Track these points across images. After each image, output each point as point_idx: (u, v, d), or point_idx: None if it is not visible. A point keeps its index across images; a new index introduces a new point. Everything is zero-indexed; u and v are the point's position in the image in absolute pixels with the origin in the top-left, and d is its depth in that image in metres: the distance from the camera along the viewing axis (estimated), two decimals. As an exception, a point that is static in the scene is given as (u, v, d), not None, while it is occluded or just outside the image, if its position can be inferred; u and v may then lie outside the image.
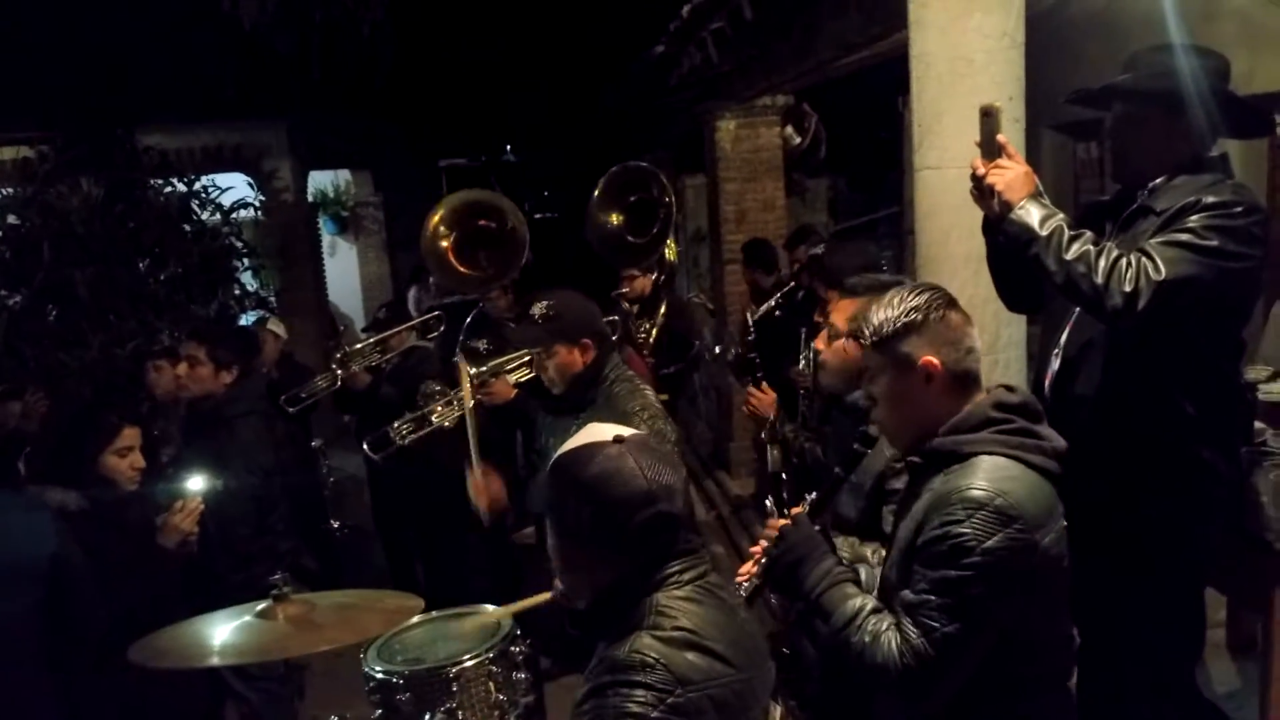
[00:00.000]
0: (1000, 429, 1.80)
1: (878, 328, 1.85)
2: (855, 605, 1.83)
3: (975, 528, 1.67)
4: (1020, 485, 1.73)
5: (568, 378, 3.00)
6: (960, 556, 1.68)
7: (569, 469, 1.57)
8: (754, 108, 6.95)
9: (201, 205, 6.74)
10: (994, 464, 1.75)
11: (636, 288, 5.53)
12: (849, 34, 4.63)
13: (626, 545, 1.54)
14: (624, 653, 1.47)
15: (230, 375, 3.76)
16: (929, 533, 1.73)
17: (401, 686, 2.47)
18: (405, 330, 4.96)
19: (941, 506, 1.72)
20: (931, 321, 1.82)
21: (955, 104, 3.07)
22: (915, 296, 1.85)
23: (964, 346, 1.85)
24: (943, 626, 1.68)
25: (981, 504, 1.69)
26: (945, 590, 1.69)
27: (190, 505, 2.81)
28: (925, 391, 1.83)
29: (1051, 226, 2.21)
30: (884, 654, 1.73)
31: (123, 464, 2.85)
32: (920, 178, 3.25)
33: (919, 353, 1.82)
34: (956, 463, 1.78)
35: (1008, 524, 1.68)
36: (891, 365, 1.86)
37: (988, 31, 3.03)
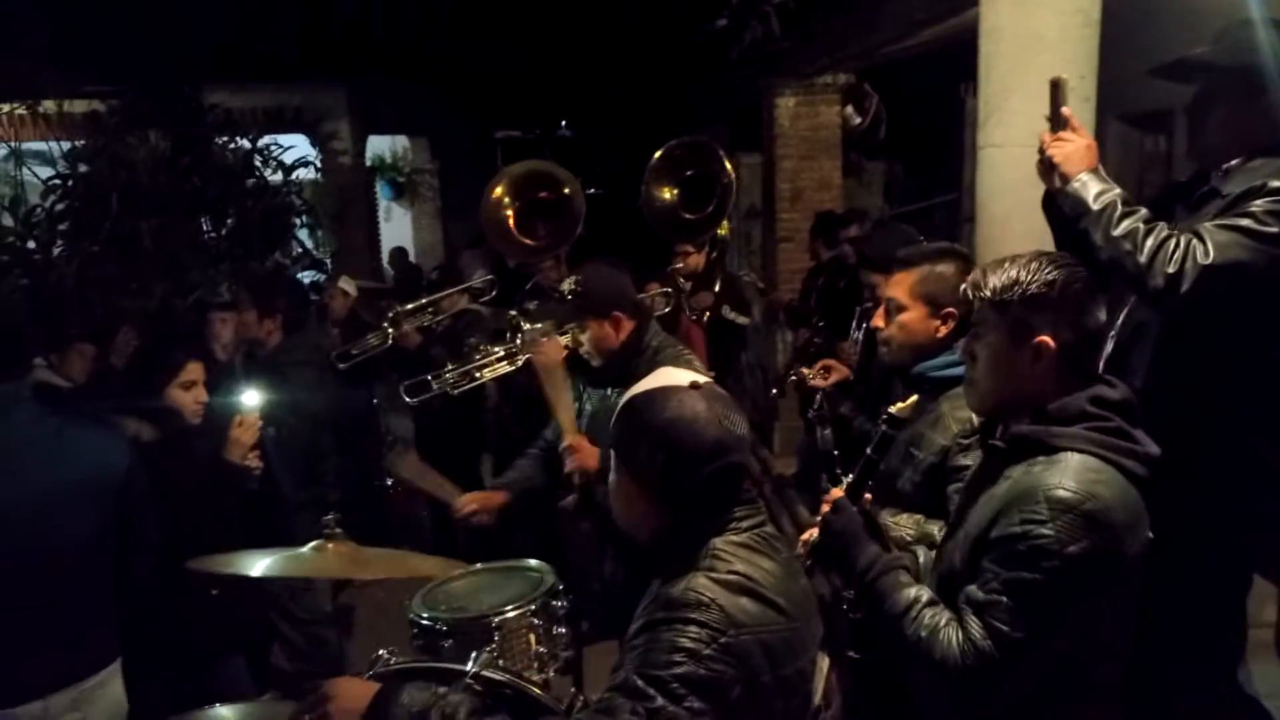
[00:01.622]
0: (1095, 426, 1.70)
1: (1003, 287, 1.74)
2: (910, 595, 1.77)
3: (1060, 531, 1.57)
4: (1110, 490, 1.62)
5: (604, 351, 3.00)
6: (1040, 560, 1.58)
7: (644, 411, 1.59)
8: (814, 85, 6.89)
9: (264, 163, 6.84)
10: (1084, 463, 1.65)
11: (690, 264, 5.51)
12: (915, 10, 4.57)
13: (694, 493, 1.57)
14: (679, 591, 1.50)
15: (274, 323, 3.85)
16: (1006, 528, 1.63)
17: (445, 633, 2.53)
18: (457, 293, 5.01)
19: (1024, 502, 1.63)
20: (1061, 300, 1.71)
21: (1024, 81, 3.02)
22: (1053, 269, 1.72)
23: (1086, 333, 1.74)
24: (1012, 631, 1.60)
25: (1069, 506, 1.59)
26: (1019, 593, 1.60)
27: (248, 420, 2.90)
28: (1031, 367, 1.73)
29: (1104, 201, 2.17)
30: (943, 650, 1.67)
31: (187, 397, 2.94)
32: (984, 155, 3.21)
33: (1037, 328, 1.72)
34: (1043, 454, 1.69)
35: (1095, 530, 1.58)
36: (1005, 329, 1.75)
37: (1061, 8, 2.98)
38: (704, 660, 1.43)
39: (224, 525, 2.81)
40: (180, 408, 2.93)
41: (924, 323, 2.42)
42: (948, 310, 2.39)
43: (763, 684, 1.48)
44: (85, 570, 2.39)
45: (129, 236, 5.74)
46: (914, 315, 2.43)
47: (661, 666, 1.42)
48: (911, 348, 2.45)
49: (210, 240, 6.35)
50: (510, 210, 4.68)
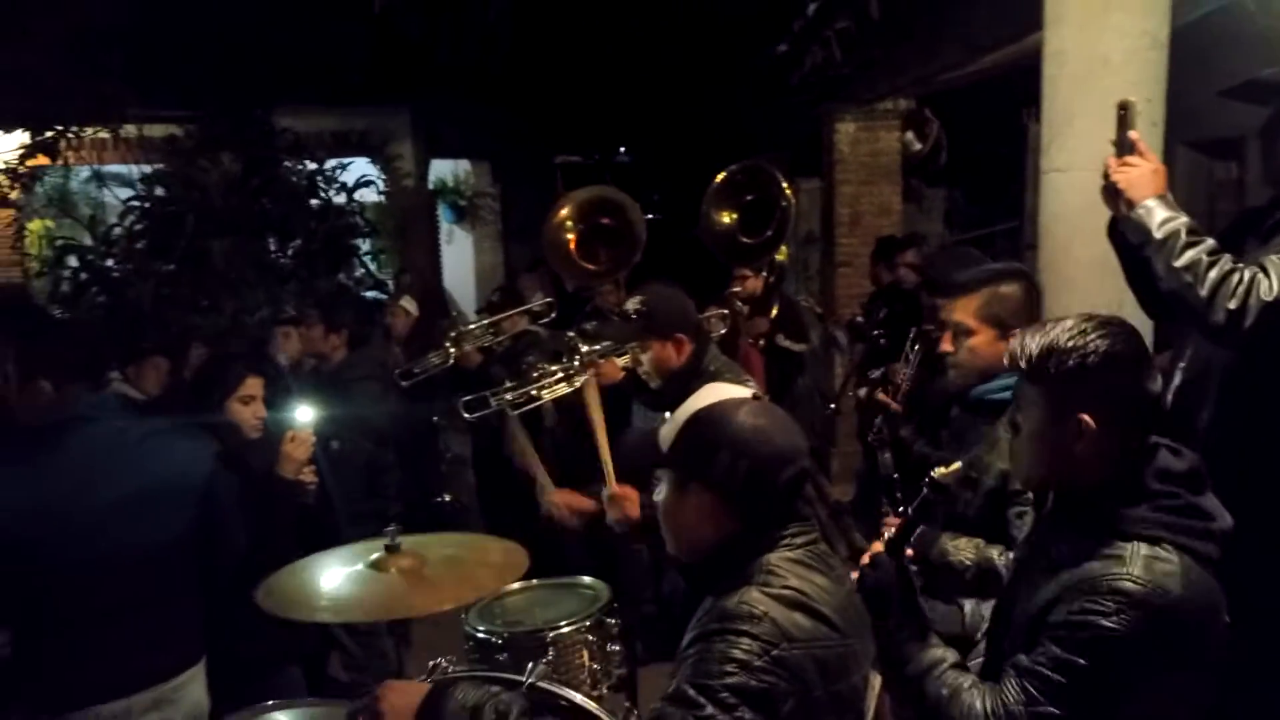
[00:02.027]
0: (1162, 506, 1.59)
1: (1038, 358, 1.62)
2: (935, 656, 1.73)
3: (1124, 625, 1.50)
4: (1181, 582, 1.52)
5: (664, 372, 3.03)
6: (1099, 650, 1.51)
7: (718, 422, 1.62)
8: (875, 110, 6.88)
9: (327, 184, 7.03)
10: (1153, 553, 1.54)
11: (748, 287, 5.52)
12: (978, 35, 4.56)
13: (773, 499, 1.60)
14: (733, 603, 1.51)
15: (339, 339, 3.94)
16: (1065, 615, 1.55)
17: (500, 646, 2.56)
18: (518, 314, 5.08)
19: (1087, 591, 1.54)
20: (1103, 372, 1.58)
21: (1088, 104, 3.00)
22: (1095, 336, 1.59)
23: (1132, 406, 1.62)
24: (1047, 706, 1.54)
25: (1136, 602, 1.50)
26: (1068, 674, 1.53)
27: (302, 435, 2.91)
28: (1074, 444, 1.61)
29: (1168, 230, 2.09)
30: (963, 711, 1.62)
31: (246, 411, 3.01)
32: (1047, 180, 3.19)
33: (1076, 404, 1.60)
34: (1108, 537, 1.58)
35: (1161, 627, 1.50)
36: (1044, 404, 1.64)
37: (1128, 30, 2.95)
38: (755, 672, 1.43)
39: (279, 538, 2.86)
40: (239, 422, 3.00)
41: (992, 345, 2.39)
42: (1015, 331, 2.38)
43: (815, 699, 1.48)
44: (167, 574, 2.46)
45: (201, 255, 5.93)
46: (982, 339, 2.41)
47: (713, 676, 1.43)
48: (980, 371, 2.43)
49: (277, 260, 6.53)
50: (573, 234, 4.77)
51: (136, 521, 2.37)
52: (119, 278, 6.07)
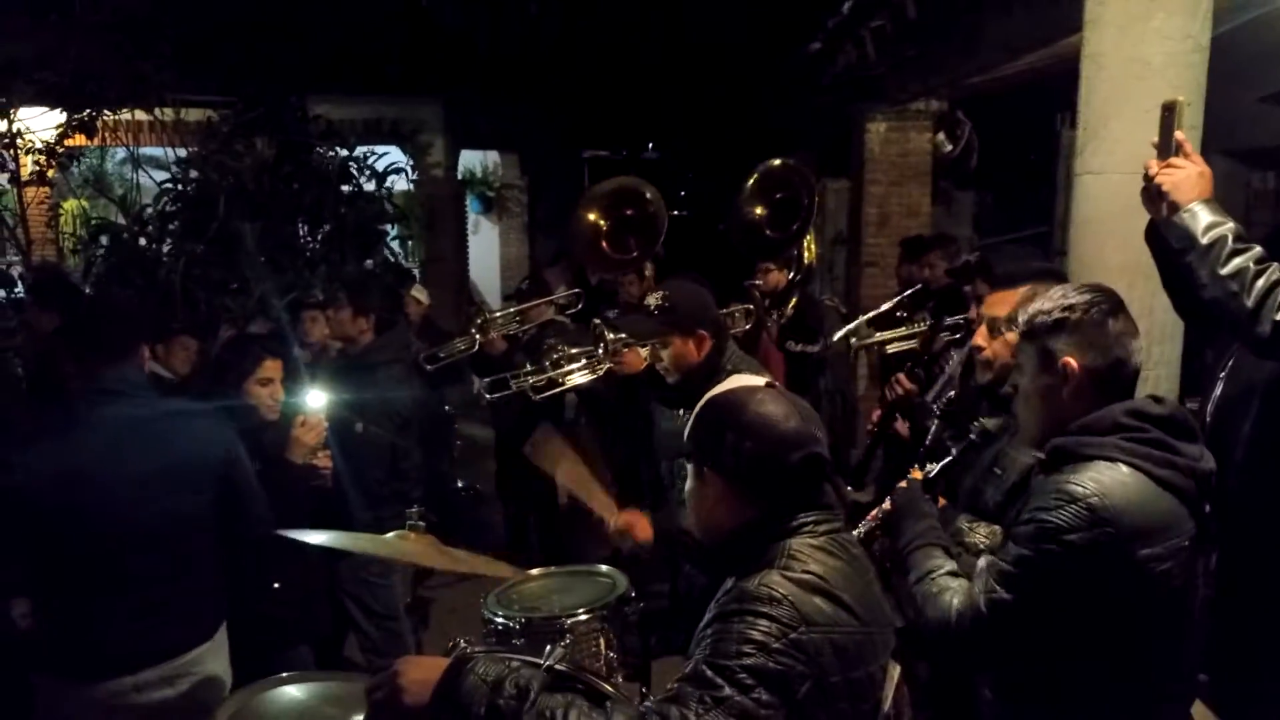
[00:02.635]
0: (1128, 436, 1.75)
1: (1029, 319, 1.86)
2: (935, 564, 1.92)
3: (1061, 518, 1.68)
4: (1128, 492, 1.70)
5: (683, 368, 3.01)
6: (1039, 540, 1.70)
7: (729, 408, 1.65)
8: (906, 111, 6.85)
9: (359, 170, 7.08)
10: (1106, 468, 1.72)
11: (770, 281, 5.52)
12: (1015, 37, 4.52)
13: (784, 482, 1.61)
14: (753, 585, 1.52)
15: (367, 322, 3.96)
16: (1025, 516, 1.76)
17: (517, 632, 2.56)
18: (544, 304, 5.10)
19: (1042, 495, 1.75)
20: (1084, 323, 1.80)
21: (1126, 107, 2.97)
22: (1076, 295, 1.83)
23: (1113, 354, 1.81)
24: (1001, 592, 1.73)
25: (1075, 498, 1.69)
26: (1016, 562, 1.73)
27: (313, 420, 2.91)
28: (1061, 392, 1.81)
29: (1214, 236, 2.00)
30: (941, 607, 1.82)
31: (264, 393, 3.03)
32: (1081, 182, 3.16)
33: (1061, 352, 1.81)
34: (1073, 463, 1.76)
35: (1096, 524, 1.67)
36: (1036, 359, 1.85)
37: (1169, 33, 2.92)
38: (773, 654, 1.44)
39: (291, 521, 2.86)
40: (257, 403, 3.02)
41: None
42: None
43: (832, 684, 1.48)
44: (181, 551, 2.50)
45: (232, 238, 5.98)
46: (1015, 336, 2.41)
47: (731, 657, 1.44)
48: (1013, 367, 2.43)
49: (306, 244, 6.58)
50: (602, 227, 4.79)
51: (156, 497, 2.41)
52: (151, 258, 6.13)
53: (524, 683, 1.47)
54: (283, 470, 2.83)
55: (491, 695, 1.45)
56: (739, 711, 1.40)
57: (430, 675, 1.51)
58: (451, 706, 1.47)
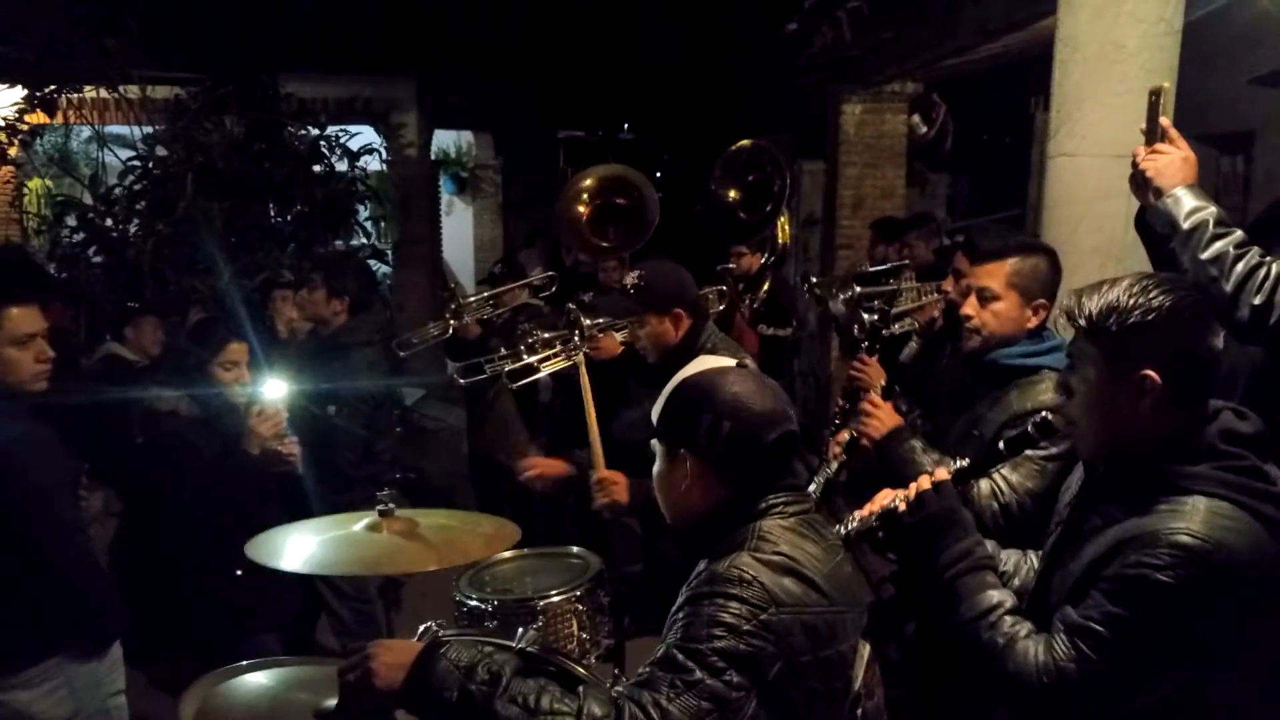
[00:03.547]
0: (1226, 465, 1.54)
1: (1101, 314, 1.57)
2: (992, 599, 1.69)
3: (1179, 578, 1.46)
4: (1244, 539, 1.48)
5: (661, 348, 3.01)
6: (1151, 603, 1.48)
7: (702, 388, 1.64)
8: (882, 93, 6.84)
9: (330, 150, 6.99)
10: (1214, 508, 1.50)
11: (744, 264, 5.51)
12: (990, 19, 4.52)
13: (758, 462, 1.61)
14: (724, 567, 1.52)
15: (341, 304, 3.92)
16: (1121, 568, 1.52)
17: (490, 614, 2.56)
18: (519, 288, 5.07)
19: (1145, 544, 1.50)
20: (1168, 327, 1.54)
21: (1100, 90, 2.98)
22: (1159, 293, 1.55)
23: (1197, 362, 1.58)
24: (1097, 661, 1.52)
25: (1194, 555, 1.46)
26: (1117, 628, 1.51)
27: (269, 412, 2.83)
28: (1135, 403, 1.57)
29: (1195, 220, 2.00)
30: (1019, 664, 1.59)
31: (228, 376, 2.98)
32: (1054, 165, 3.17)
33: (1140, 360, 1.55)
34: (1167, 494, 1.54)
35: (1220, 583, 1.46)
36: (1104, 361, 1.59)
37: (1143, 16, 2.93)
38: (744, 635, 1.44)
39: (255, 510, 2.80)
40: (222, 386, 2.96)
41: (1018, 311, 2.41)
42: (1039, 302, 2.41)
43: (803, 663, 1.49)
44: None
45: (201, 217, 5.90)
46: (1008, 304, 2.41)
47: (702, 640, 1.44)
48: (1001, 337, 2.44)
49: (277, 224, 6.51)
50: (587, 208, 4.78)
51: None
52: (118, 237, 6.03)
53: (496, 668, 1.46)
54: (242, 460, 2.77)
55: (464, 680, 1.44)
56: (710, 694, 1.41)
57: (404, 659, 1.49)
58: (424, 691, 1.46)
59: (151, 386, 3.26)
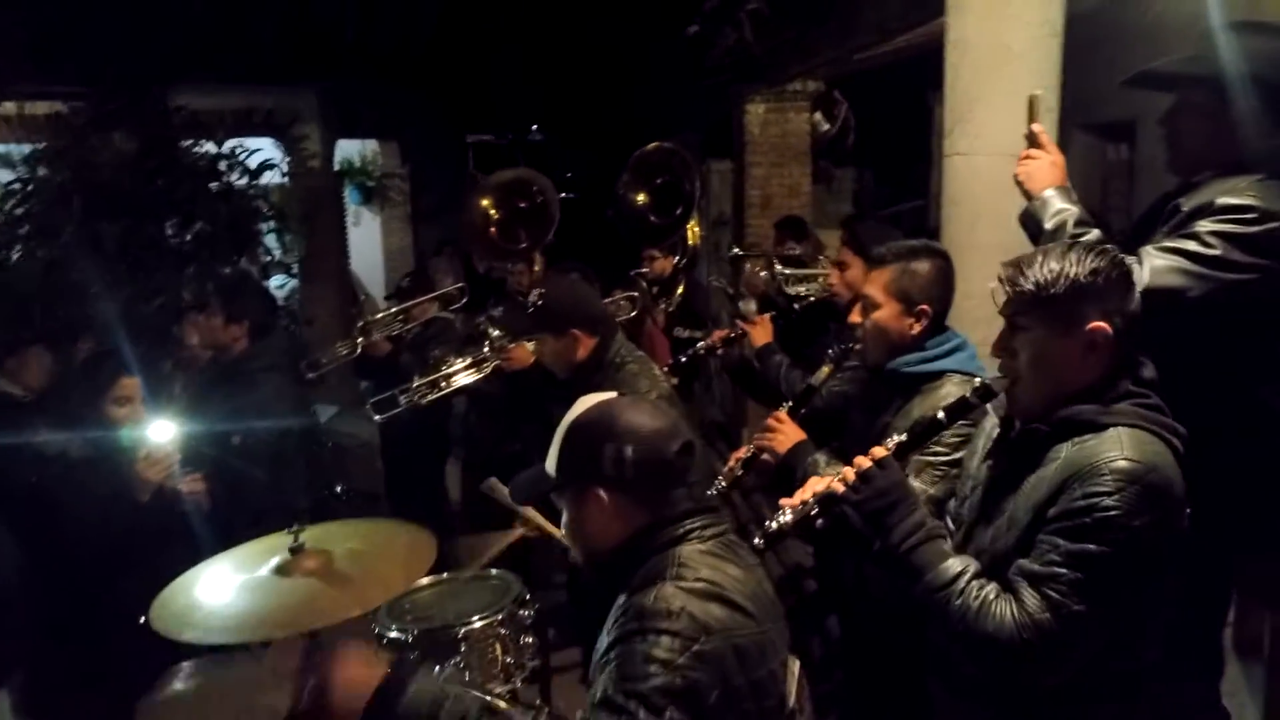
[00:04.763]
0: (1139, 402, 1.70)
1: (1047, 280, 1.69)
2: (955, 567, 1.73)
3: (1126, 503, 1.56)
4: (1166, 460, 1.63)
5: (566, 366, 3.01)
6: (1106, 532, 1.57)
7: (598, 422, 1.66)
8: (785, 92, 6.92)
9: (230, 167, 6.77)
10: (1138, 436, 1.64)
11: (656, 268, 5.52)
12: (888, 19, 4.61)
13: (667, 476, 1.64)
14: (650, 601, 1.51)
15: (240, 330, 3.79)
16: (1069, 503, 1.61)
17: (411, 645, 2.51)
18: (428, 301, 4.99)
19: (1086, 476, 1.60)
20: (1108, 286, 1.69)
21: (990, 91, 3.05)
22: (1093, 257, 1.70)
23: (1132, 317, 1.72)
24: (1073, 604, 1.58)
25: (1135, 478, 1.58)
26: (1083, 565, 1.58)
27: (156, 455, 2.73)
28: (1083, 357, 1.70)
29: (1056, 221, 2.16)
30: (996, 624, 1.63)
31: (120, 413, 2.85)
32: (950, 164, 3.23)
33: (1088, 316, 1.69)
34: (1090, 432, 1.67)
35: (1159, 502, 1.58)
36: (1052, 322, 1.71)
37: (1028, 19, 3.00)
38: (679, 670, 1.44)
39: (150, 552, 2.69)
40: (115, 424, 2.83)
41: (898, 320, 2.42)
42: (921, 308, 2.41)
43: (736, 686, 1.49)
44: None
45: (93, 240, 5.65)
46: (888, 312, 2.43)
47: (639, 679, 1.43)
48: (886, 345, 2.46)
49: (176, 244, 6.27)
50: (494, 219, 4.75)
51: None
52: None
53: (461, 710, 1.45)
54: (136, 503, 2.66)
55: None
56: None
57: (368, 679, 1.48)
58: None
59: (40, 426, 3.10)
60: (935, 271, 2.44)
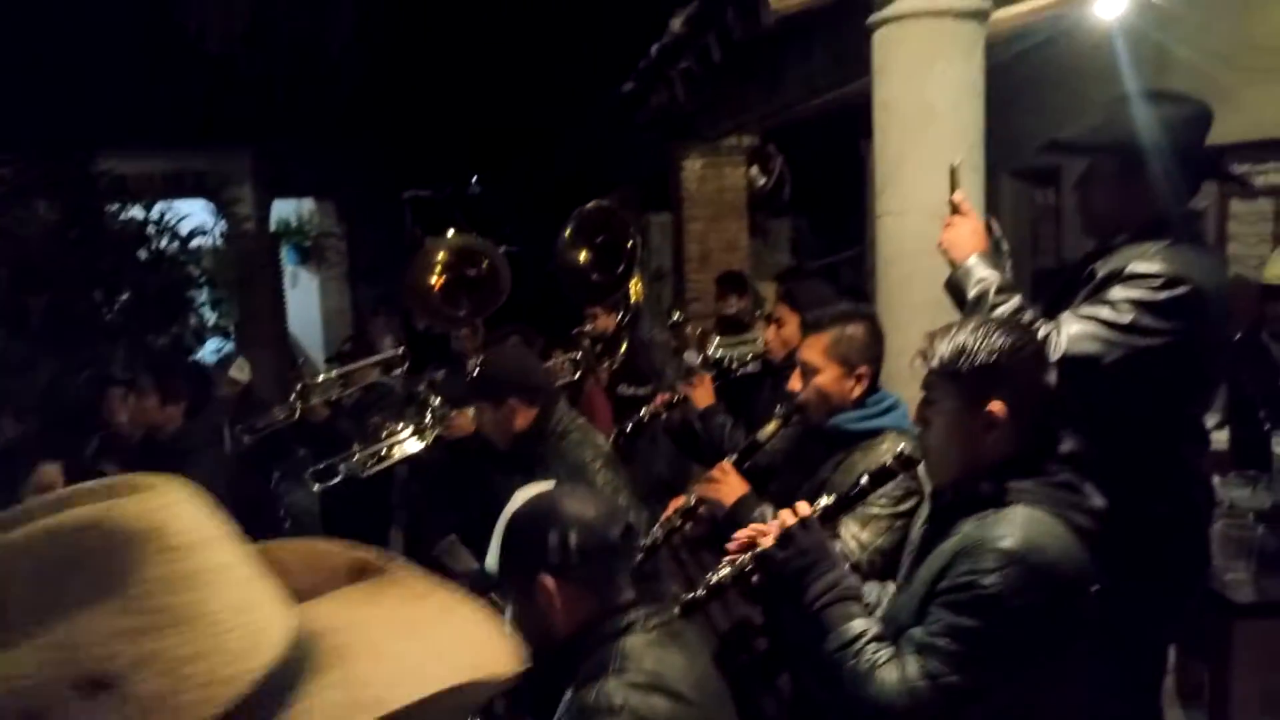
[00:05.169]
0: (1044, 480, 1.73)
1: (952, 356, 1.76)
2: (856, 629, 1.76)
3: (1005, 582, 1.60)
4: (1057, 543, 1.65)
5: (506, 436, 2.97)
6: (982, 608, 1.62)
7: (540, 514, 1.69)
8: (720, 148, 7.02)
9: (159, 232, 6.64)
10: (1031, 515, 1.67)
11: (599, 326, 5.50)
12: (815, 78, 4.71)
13: (612, 560, 1.66)
14: (592, 698, 1.50)
15: (177, 409, 3.69)
16: (955, 578, 1.66)
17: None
18: (368, 366, 4.91)
19: (973, 554, 1.66)
20: (1013, 367, 1.73)
21: (918, 151, 3.12)
22: (1000, 335, 1.75)
23: (1038, 394, 1.77)
24: (946, 675, 1.63)
25: (1016, 559, 1.61)
26: (959, 639, 1.63)
27: None
28: (986, 433, 1.75)
29: (978, 291, 2.23)
30: (878, 688, 1.67)
31: None
32: (882, 224, 3.29)
33: (990, 395, 1.73)
34: (993, 508, 1.71)
35: (1042, 583, 1.61)
36: (959, 398, 1.76)
37: (951, 79, 3.08)
38: None
39: None
40: None
41: (839, 383, 2.47)
42: (861, 370, 2.47)
43: None
44: None
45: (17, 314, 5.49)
46: (829, 376, 2.48)
47: None
48: (828, 409, 2.50)
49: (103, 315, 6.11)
50: (437, 281, 4.72)
51: None
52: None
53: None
54: None
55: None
56: None
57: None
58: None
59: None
60: (869, 334, 2.52)
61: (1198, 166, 2.30)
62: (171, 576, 0.64)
